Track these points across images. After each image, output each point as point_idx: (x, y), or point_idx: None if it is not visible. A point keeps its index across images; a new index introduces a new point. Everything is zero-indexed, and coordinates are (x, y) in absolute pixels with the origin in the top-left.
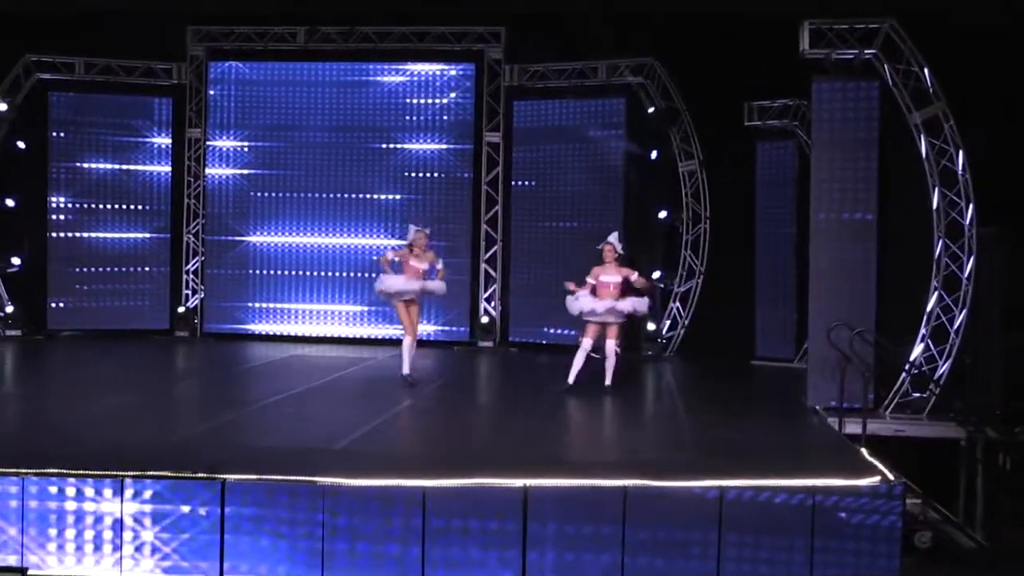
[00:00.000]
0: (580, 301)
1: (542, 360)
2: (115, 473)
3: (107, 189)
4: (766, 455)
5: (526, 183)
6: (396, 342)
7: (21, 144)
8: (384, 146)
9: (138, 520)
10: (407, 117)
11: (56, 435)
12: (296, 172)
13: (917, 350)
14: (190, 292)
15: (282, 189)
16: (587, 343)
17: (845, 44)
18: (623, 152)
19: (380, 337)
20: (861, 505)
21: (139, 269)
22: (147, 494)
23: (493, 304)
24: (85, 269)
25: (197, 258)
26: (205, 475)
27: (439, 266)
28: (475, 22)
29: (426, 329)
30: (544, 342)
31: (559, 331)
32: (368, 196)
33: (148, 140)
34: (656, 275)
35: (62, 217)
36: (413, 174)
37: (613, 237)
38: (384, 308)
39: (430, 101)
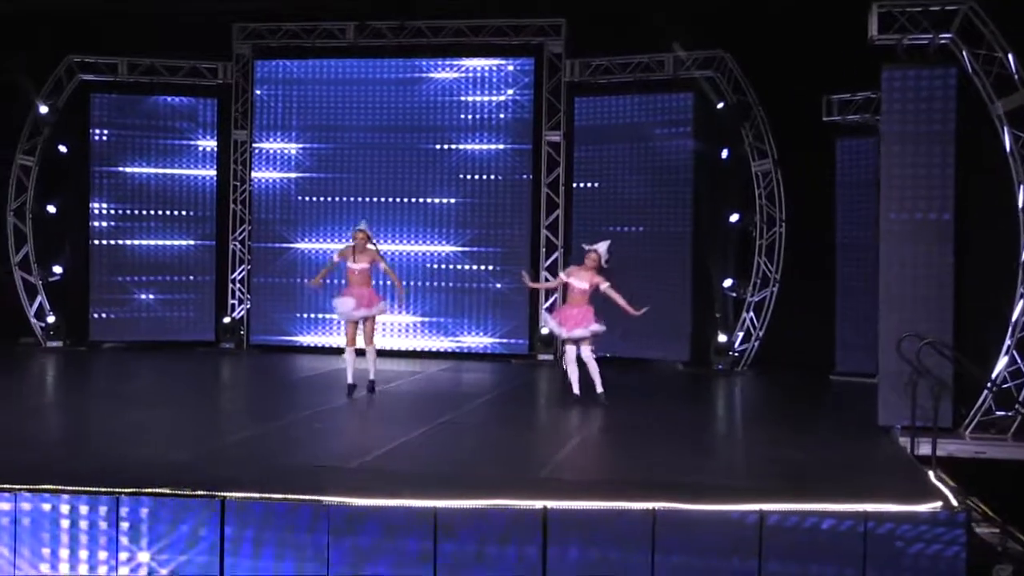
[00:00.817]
0: (548, 323)
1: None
2: (110, 490)
3: (150, 194)
4: (823, 477)
5: (588, 185)
6: (451, 355)
7: (63, 148)
8: (438, 147)
9: (133, 540)
10: (462, 116)
11: (67, 449)
12: (346, 175)
13: (1001, 364)
14: (236, 302)
15: (331, 193)
16: (571, 351)
17: (918, 28)
18: (691, 151)
19: (434, 350)
20: (920, 533)
21: (183, 278)
22: (143, 512)
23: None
24: (128, 278)
25: (243, 266)
26: (204, 493)
27: (382, 266)
28: (534, 14)
29: (483, 341)
30: (608, 355)
31: (622, 343)
32: (421, 200)
33: (192, 143)
34: (728, 283)
35: (104, 224)
36: (469, 176)
37: (602, 246)
38: (438, 319)
39: (486, 98)
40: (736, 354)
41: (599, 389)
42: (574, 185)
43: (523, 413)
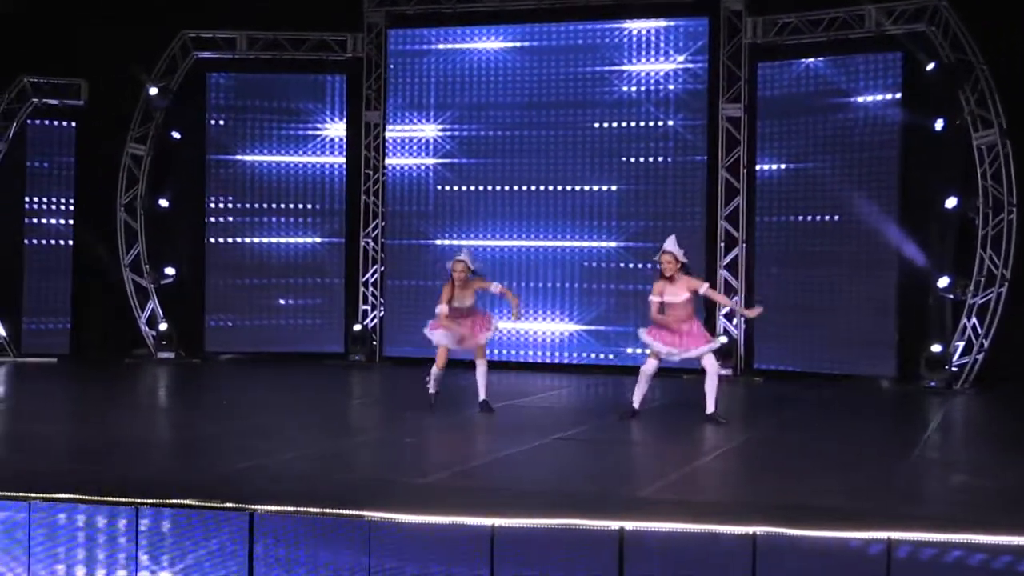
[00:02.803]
0: (653, 345)
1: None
2: (130, 500)
3: (272, 186)
4: (998, 507)
5: (775, 167)
6: (611, 368)
7: (176, 135)
8: (596, 125)
9: (154, 557)
10: (625, 89)
11: (122, 458)
12: (491, 160)
13: None
14: (368, 307)
15: (475, 181)
16: (652, 365)
17: None
18: (899, 123)
19: (591, 362)
20: None
21: (309, 280)
22: (165, 526)
23: (735, 321)
24: (248, 281)
25: (376, 267)
26: (233, 505)
27: (494, 290)
28: None
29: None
30: (796, 369)
31: (817, 356)
32: (577, 188)
33: (319, 127)
34: (944, 282)
35: (221, 220)
36: (632, 159)
37: (671, 243)
38: (597, 327)
39: (653, 67)
40: (954, 369)
41: (710, 409)
42: (757, 168)
43: (662, 430)
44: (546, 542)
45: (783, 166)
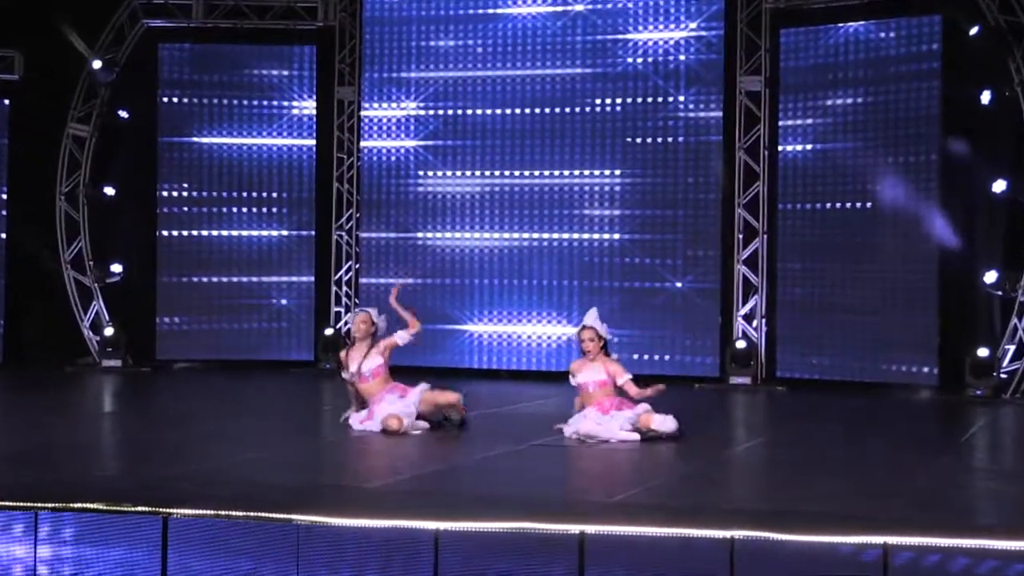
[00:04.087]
0: (575, 423)
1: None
2: (28, 505)
3: (233, 171)
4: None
5: (800, 148)
6: None
7: (123, 114)
8: (598, 102)
9: (55, 570)
10: (630, 60)
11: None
12: (481, 142)
13: None
14: (341, 309)
15: (463, 166)
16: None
17: None
18: (938, 95)
19: None
20: None
21: (275, 279)
22: (67, 533)
23: (754, 324)
24: (205, 279)
25: (350, 263)
26: (145, 509)
27: (402, 340)
28: None
29: (658, 358)
30: (823, 377)
31: (847, 363)
32: (576, 172)
33: (286, 105)
34: (991, 277)
35: (175, 210)
36: (638, 140)
37: (592, 317)
38: None
39: (661, 36)
40: (1003, 376)
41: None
42: (779, 148)
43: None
44: (492, 547)
45: (809, 147)
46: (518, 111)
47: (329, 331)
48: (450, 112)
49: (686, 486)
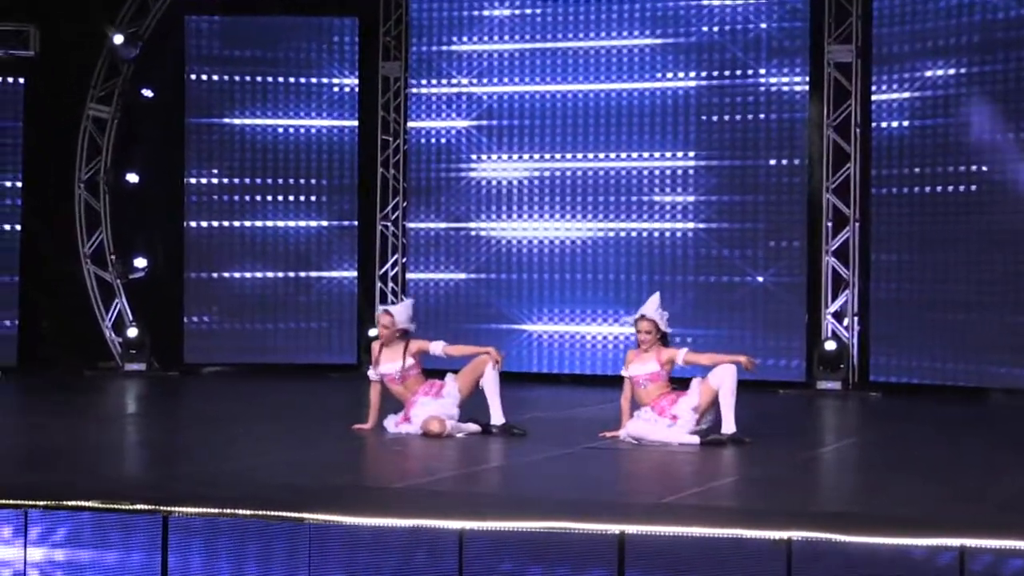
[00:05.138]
0: (628, 427)
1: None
2: (16, 502)
3: (267, 156)
4: None
5: (896, 124)
6: (681, 380)
7: (148, 93)
8: (669, 76)
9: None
10: (705, 29)
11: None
12: (540, 122)
13: None
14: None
15: (520, 149)
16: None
17: None
18: None
19: None
20: None
21: (314, 274)
22: (60, 533)
23: (845, 322)
24: (236, 274)
25: (396, 256)
26: (145, 507)
27: (437, 351)
28: None
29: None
30: (924, 381)
31: (952, 366)
32: (645, 155)
33: (325, 82)
34: None
35: (204, 199)
36: (713, 118)
37: (652, 305)
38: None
39: (739, 1)
40: None
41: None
42: (873, 125)
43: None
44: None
45: (906, 123)
46: (581, 87)
47: (373, 332)
48: (506, 89)
49: (747, 488)
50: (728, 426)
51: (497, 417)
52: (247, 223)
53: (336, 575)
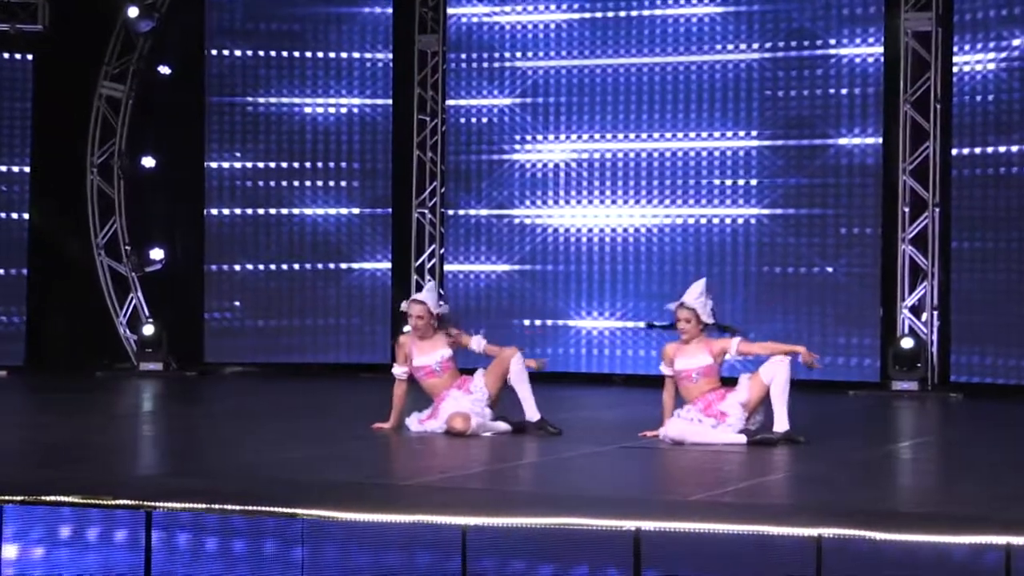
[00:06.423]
0: (668, 427)
1: None
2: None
3: (294, 138)
4: None
5: (979, 98)
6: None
7: (165, 70)
8: (730, 48)
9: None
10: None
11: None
12: (590, 99)
13: None
14: None
15: (569, 128)
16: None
17: None
18: None
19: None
20: None
21: (344, 266)
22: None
23: (923, 317)
24: (261, 266)
25: (433, 246)
26: (129, 502)
27: (477, 347)
28: None
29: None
30: (1012, 382)
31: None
32: (704, 135)
33: (356, 56)
34: None
35: (226, 184)
36: (779, 94)
37: (693, 293)
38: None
39: None
40: None
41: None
42: (953, 99)
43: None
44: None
45: (991, 97)
46: (633, 60)
47: (406, 328)
48: (552, 63)
49: (786, 487)
50: (780, 423)
51: (531, 413)
52: (272, 211)
53: (330, 571)
